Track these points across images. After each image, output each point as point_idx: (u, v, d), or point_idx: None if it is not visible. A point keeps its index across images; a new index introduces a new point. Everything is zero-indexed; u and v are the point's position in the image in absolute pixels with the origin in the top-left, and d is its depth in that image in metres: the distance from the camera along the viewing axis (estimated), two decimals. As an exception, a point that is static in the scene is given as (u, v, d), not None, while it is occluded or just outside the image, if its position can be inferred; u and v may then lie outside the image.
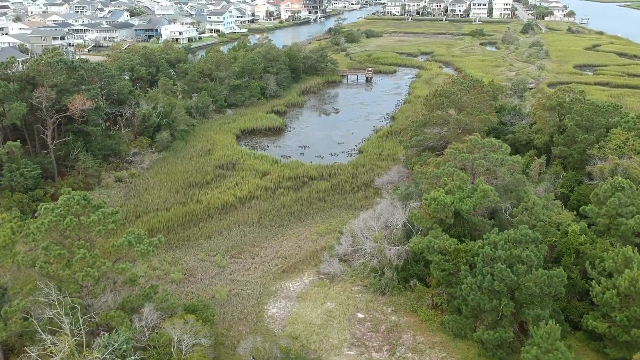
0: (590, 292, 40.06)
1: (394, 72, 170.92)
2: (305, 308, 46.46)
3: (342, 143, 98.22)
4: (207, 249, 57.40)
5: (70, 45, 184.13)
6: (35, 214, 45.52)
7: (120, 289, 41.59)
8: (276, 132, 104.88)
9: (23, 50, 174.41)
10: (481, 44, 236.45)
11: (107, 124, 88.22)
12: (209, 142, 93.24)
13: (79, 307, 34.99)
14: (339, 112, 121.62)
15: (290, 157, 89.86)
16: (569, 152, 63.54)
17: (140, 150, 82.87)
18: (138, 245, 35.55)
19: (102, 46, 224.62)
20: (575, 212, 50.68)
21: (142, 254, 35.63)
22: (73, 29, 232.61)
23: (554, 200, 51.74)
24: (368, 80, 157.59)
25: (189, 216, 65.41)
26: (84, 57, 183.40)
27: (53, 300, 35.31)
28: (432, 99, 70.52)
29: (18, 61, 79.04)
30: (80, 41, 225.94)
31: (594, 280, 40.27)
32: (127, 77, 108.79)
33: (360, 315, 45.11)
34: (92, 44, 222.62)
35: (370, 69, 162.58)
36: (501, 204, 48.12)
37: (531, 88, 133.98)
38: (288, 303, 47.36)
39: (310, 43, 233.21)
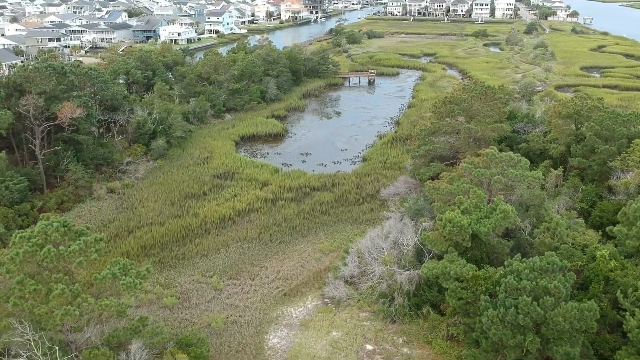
0: (623, 325, 36.35)
1: (397, 74, 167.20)
2: (309, 338, 42.73)
3: (345, 150, 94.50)
4: (204, 268, 53.66)
5: (66, 46, 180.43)
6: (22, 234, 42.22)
7: (106, 321, 37.87)
8: (277, 138, 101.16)
9: (18, 52, 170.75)
10: (485, 45, 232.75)
11: (100, 130, 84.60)
12: (206, 150, 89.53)
13: (57, 348, 31.29)
14: (341, 117, 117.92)
15: (291, 165, 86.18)
16: (588, 163, 59.81)
17: (134, 158, 79.16)
18: (123, 277, 31.83)
19: (100, 47, 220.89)
20: (599, 232, 46.97)
21: (128, 288, 31.92)
22: (70, 30, 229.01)
23: (576, 218, 48.00)
24: (370, 83, 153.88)
25: (185, 231, 61.68)
26: (80, 58, 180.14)
27: (29, 340, 31.63)
28: (442, 106, 66.81)
29: (3, 65, 75.10)
30: (77, 42, 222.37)
31: (627, 312, 36.55)
32: (122, 81, 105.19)
33: (369, 347, 41.40)
34: (90, 45, 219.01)
35: (372, 71, 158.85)
36: (519, 222, 44.39)
37: (539, 91, 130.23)
38: (290, 332, 43.65)
39: (311, 44, 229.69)
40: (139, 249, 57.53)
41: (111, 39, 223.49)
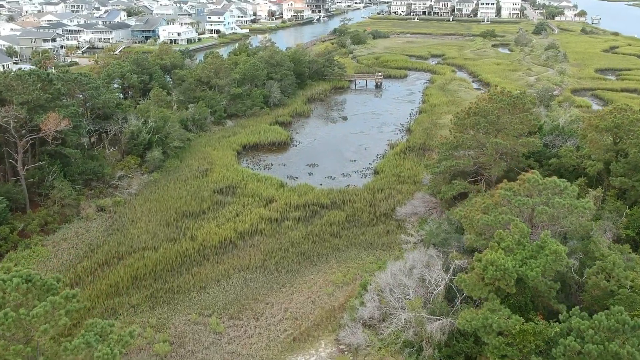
0: None
1: (405, 76, 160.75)
2: (324, 397, 36.53)
3: (355, 160, 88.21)
4: (201, 305, 47.40)
5: (62, 47, 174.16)
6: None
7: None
8: (281, 147, 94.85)
9: (11, 53, 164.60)
10: (493, 45, 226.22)
11: (91, 139, 78.40)
12: (206, 161, 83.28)
13: None
14: (349, 123, 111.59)
15: (297, 178, 79.94)
16: (631, 183, 53.47)
17: (127, 172, 72.91)
18: (99, 349, 25.55)
19: (97, 48, 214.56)
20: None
21: (106, 360, 25.64)
22: (67, 30, 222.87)
23: (630, 253, 41.70)
24: (378, 86, 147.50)
25: (181, 258, 55.43)
26: (77, 60, 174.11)
27: None
28: (465, 118, 60.47)
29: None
30: (74, 42, 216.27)
31: None
32: (117, 86, 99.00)
33: (395, 411, 35.18)
34: (87, 46, 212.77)
35: (380, 73, 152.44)
36: (570, 262, 38.09)
37: (556, 96, 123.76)
38: (301, 389, 37.46)
39: (314, 44, 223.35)
40: (130, 279, 51.31)
41: (109, 39, 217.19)
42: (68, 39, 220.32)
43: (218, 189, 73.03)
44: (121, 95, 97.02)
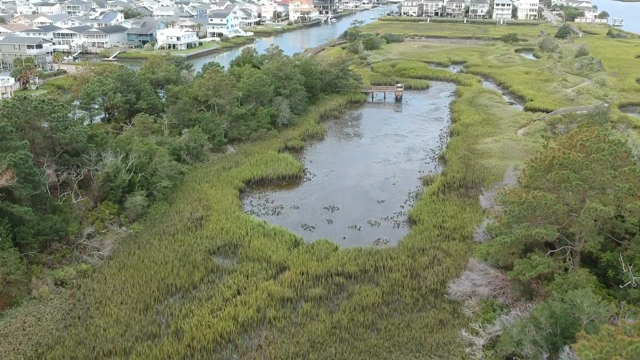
0: None
1: (427, 87, 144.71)
2: None
3: (383, 202, 72.47)
4: None
5: (51, 52, 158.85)
6: None
7: None
8: (292, 181, 79.22)
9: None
10: (516, 50, 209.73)
11: (60, 176, 62.75)
12: (201, 204, 67.72)
13: None
14: (370, 148, 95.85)
15: (314, 227, 64.41)
16: None
17: (99, 227, 57.37)
18: None
19: (90, 53, 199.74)
20: None
21: None
22: (58, 34, 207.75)
23: None
24: (398, 99, 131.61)
25: (160, 370, 39.92)
26: (66, 67, 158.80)
27: None
28: (547, 170, 44.65)
29: None
30: (66, 47, 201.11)
31: None
32: (97, 107, 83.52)
33: None
34: (79, 51, 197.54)
35: (399, 85, 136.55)
36: None
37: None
38: None
39: (323, 49, 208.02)
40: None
41: (103, 43, 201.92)
42: (60, 43, 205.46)
43: (215, 248, 57.50)
44: (99, 119, 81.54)
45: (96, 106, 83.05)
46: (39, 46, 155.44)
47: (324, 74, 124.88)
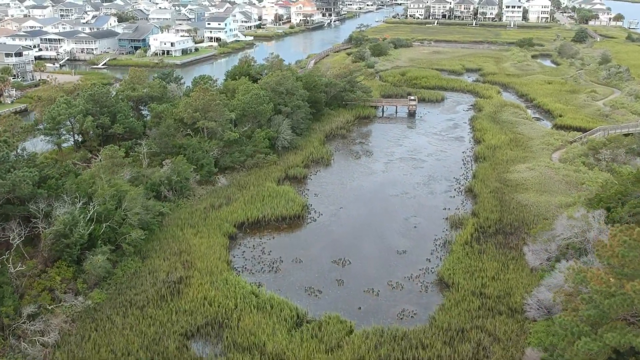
0: None
1: (442, 100, 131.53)
2: None
3: (404, 252, 59.51)
4: None
5: (30, 61, 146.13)
6: None
7: None
8: (294, 222, 66.35)
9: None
10: (532, 56, 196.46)
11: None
12: (181, 259, 54.86)
13: None
14: (384, 175, 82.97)
15: (320, 292, 51.66)
16: None
17: (45, 301, 44.49)
18: None
19: (79, 60, 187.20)
20: None
21: None
22: (46, 39, 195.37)
23: None
24: (411, 114, 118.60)
25: None
26: (48, 77, 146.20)
27: None
28: (627, 250, 31.71)
29: None
30: (53, 53, 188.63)
31: None
32: (65, 133, 70.82)
33: None
34: (67, 58, 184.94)
35: (412, 97, 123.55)
36: None
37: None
38: None
39: (327, 55, 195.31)
40: None
41: (92, 49, 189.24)
42: (47, 49, 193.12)
43: (194, 329, 44.62)
44: (72, 143, 68.79)
45: (64, 132, 70.32)
46: (19, 54, 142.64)
47: (329, 87, 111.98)
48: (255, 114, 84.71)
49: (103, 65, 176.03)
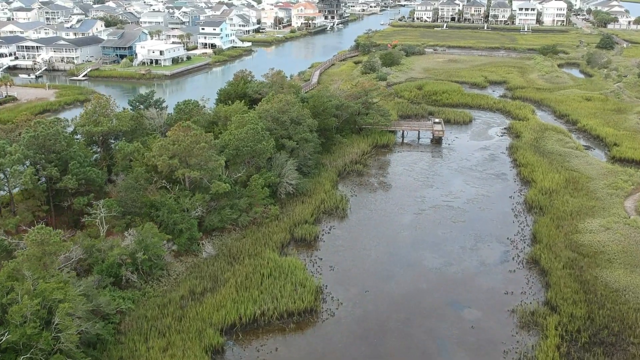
0: None
1: (470, 121, 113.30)
2: None
3: (464, 377, 41.48)
4: None
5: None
6: None
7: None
8: (304, 320, 48.22)
9: None
10: (558, 65, 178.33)
11: None
12: (141, 400, 36.80)
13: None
14: (416, 233, 64.80)
15: None
16: None
17: None
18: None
19: (58, 70, 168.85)
20: None
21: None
22: (23, 47, 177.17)
23: None
24: (437, 140, 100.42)
25: None
26: (18, 91, 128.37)
27: None
28: None
29: None
30: (30, 62, 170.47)
31: None
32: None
33: None
34: (44, 67, 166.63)
35: (437, 120, 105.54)
36: None
37: None
38: None
39: (333, 65, 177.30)
40: None
41: (73, 58, 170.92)
42: (24, 58, 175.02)
43: None
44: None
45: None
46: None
47: (340, 109, 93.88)
48: (252, 154, 66.57)
49: (84, 76, 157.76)
